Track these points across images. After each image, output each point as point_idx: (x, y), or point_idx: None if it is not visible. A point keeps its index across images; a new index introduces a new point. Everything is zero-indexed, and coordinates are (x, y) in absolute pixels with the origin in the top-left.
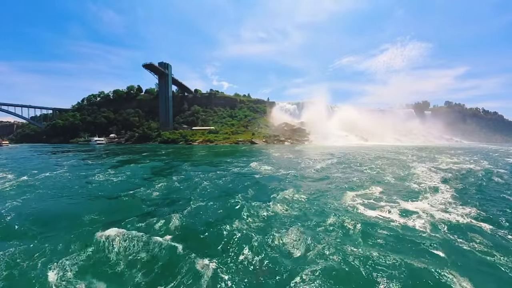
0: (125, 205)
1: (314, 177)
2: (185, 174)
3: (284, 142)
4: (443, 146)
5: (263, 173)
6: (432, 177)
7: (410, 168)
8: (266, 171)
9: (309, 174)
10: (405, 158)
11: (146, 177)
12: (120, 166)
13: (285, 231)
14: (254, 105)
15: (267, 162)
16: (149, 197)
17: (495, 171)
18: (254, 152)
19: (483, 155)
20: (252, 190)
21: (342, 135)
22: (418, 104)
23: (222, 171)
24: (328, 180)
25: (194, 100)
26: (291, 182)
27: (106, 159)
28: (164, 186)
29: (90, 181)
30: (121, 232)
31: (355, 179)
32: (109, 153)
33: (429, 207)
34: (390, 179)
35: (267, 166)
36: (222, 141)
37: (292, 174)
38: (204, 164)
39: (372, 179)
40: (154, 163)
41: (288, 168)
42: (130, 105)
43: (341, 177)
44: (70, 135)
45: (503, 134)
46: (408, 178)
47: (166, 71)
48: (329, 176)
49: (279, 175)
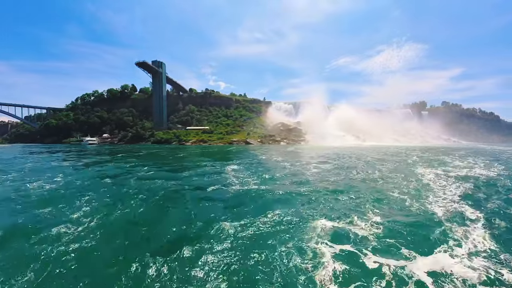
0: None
1: (292, 192)
2: (126, 184)
3: (280, 142)
4: (443, 147)
5: (224, 184)
6: (452, 193)
7: (417, 176)
8: (231, 182)
9: (288, 188)
10: (409, 161)
11: (78, 185)
12: (78, 169)
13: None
14: (250, 104)
15: (245, 168)
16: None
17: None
18: (242, 153)
19: (491, 157)
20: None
21: (339, 135)
22: (415, 104)
23: (177, 180)
24: (310, 199)
25: (189, 100)
26: (254, 201)
27: (78, 160)
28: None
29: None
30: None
31: (347, 200)
32: (91, 153)
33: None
34: (395, 197)
35: (241, 173)
36: (216, 141)
37: (263, 189)
38: (169, 170)
39: (372, 196)
40: (113, 167)
41: (263, 179)
42: (124, 104)
43: (329, 195)
44: (63, 135)
45: (499, 134)
46: (419, 195)
47: (159, 70)
48: (313, 192)
49: (243, 190)
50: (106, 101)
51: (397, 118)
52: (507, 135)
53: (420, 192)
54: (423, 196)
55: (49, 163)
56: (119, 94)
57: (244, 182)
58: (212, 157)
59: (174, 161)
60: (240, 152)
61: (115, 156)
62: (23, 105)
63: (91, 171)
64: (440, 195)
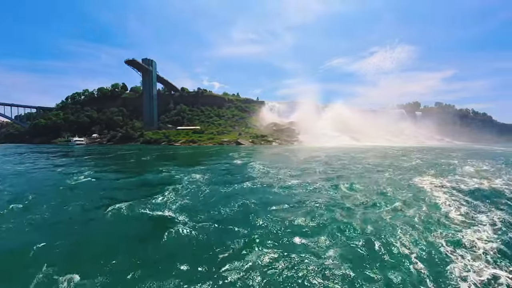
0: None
1: (252, 222)
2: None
3: (272, 142)
4: (438, 147)
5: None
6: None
7: (425, 193)
8: (153, 204)
9: (251, 219)
10: (407, 165)
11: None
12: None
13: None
14: (242, 104)
15: (205, 179)
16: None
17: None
18: (220, 155)
19: (495, 159)
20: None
21: (333, 135)
22: (409, 105)
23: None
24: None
25: (181, 99)
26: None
27: (40, 161)
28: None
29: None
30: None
31: (328, 234)
32: (64, 155)
33: None
34: (399, 235)
35: (186, 189)
36: (206, 141)
37: (206, 223)
38: (100, 177)
39: (364, 231)
40: (51, 171)
41: (203, 201)
42: (114, 103)
43: (307, 220)
44: (52, 135)
45: (492, 134)
46: (433, 229)
47: (150, 68)
48: (283, 220)
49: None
50: (97, 100)
51: (391, 119)
52: (500, 136)
53: (435, 224)
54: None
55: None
56: (109, 93)
57: (170, 203)
58: (184, 160)
59: (130, 165)
60: (219, 154)
61: (82, 157)
62: (13, 104)
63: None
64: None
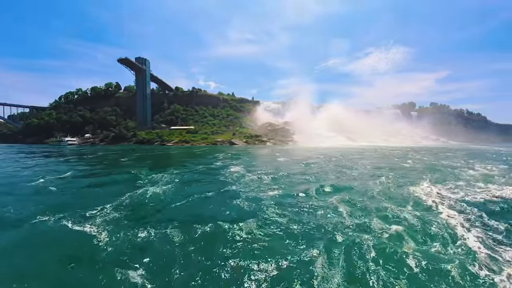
0: None
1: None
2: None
3: (266, 142)
4: (435, 147)
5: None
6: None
7: (426, 203)
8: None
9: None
10: (407, 166)
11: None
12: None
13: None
14: (238, 104)
15: (173, 184)
16: None
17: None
18: (202, 157)
19: (496, 160)
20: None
21: (329, 135)
22: (404, 105)
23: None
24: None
25: (175, 99)
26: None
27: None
28: None
29: None
30: None
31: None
32: (49, 155)
33: None
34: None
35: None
36: (200, 141)
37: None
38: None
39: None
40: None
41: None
42: (108, 103)
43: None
44: (45, 135)
45: (487, 135)
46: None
47: (143, 67)
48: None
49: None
50: (90, 100)
51: (387, 119)
52: (494, 136)
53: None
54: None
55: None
56: (103, 93)
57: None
58: (162, 161)
59: (102, 166)
60: (204, 155)
61: (62, 158)
62: (5, 103)
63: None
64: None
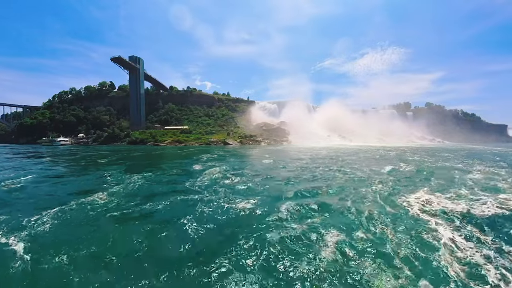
0: None
1: None
2: None
3: (261, 142)
4: (432, 147)
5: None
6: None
7: (427, 219)
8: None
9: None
10: (405, 169)
11: None
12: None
13: None
14: (233, 104)
15: (136, 188)
16: None
17: None
18: (190, 157)
19: (497, 161)
20: None
21: (324, 135)
22: (400, 105)
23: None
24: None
25: (170, 98)
26: None
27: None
28: None
29: None
30: None
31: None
32: (33, 156)
33: None
34: None
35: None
36: (193, 141)
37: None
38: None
39: None
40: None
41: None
42: (101, 102)
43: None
44: (38, 135)
45: (481, 135)
46: None
47: (137, 66)
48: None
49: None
50: (84, 99)
51: (383, 119)
52: (488, 136)
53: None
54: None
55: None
56: (97, 92)
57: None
58: (142, 162)
59: (76, 167)
60: (190, 156)
61: (44, 159)
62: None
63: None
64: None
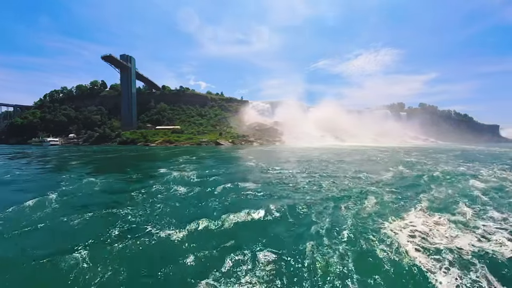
0: None
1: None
2: None
3: (253, 142)
4: (426, 147)
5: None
6: None
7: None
8: None
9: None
10: (410, 171)
11: None
12: None
13: None
14: (226, 104)
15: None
16: None
17: None
18: (173, 158)
19: (497, 162)
20: None
21: (318, 135)
22: (393, 106)
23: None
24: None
25: (162, 98)
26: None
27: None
28: None
29: None
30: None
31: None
32: (14, 157)
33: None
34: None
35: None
36: (184, 141)
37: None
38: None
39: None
40: None
41: None
42: (93, 102)
43: None
44: (29, 135)
45: (473, 135)
46: None
47: (128, 65)
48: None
49: None
50: (75, 98)
51: (376, 119)
52: (480, 136)
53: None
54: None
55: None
56: (88, 91)
57: None
58: (113, 164)
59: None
60: (163, 159)
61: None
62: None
63: None
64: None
